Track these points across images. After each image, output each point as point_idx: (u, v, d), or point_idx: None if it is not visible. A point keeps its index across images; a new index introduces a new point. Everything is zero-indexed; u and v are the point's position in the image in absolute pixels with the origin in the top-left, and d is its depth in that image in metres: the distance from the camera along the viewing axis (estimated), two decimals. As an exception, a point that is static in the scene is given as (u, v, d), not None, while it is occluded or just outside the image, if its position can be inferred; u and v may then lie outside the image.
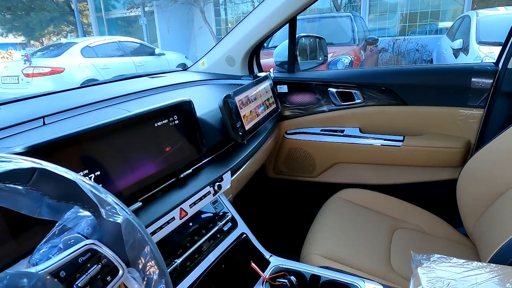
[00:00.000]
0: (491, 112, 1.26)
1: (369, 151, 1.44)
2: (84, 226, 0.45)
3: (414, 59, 8.14)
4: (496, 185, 1.03)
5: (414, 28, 9.65)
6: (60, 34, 13.95)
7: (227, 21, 12.18)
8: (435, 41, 7.48)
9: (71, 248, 0.39)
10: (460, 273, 0.67)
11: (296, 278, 0.84)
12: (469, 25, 5.12)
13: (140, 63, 7.37)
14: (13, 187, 0.37)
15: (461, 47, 4.97)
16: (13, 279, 0.32)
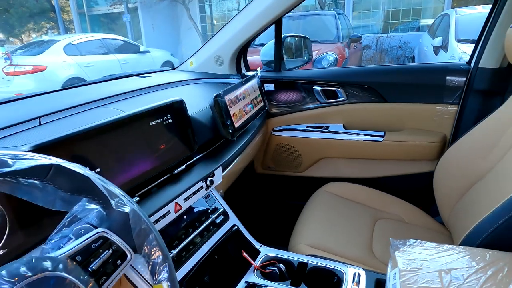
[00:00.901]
0: (464, 108, 1.35)
1: (352, 146, 1.51)
2: (92, 217, 0.49)
3: (397, 56, 8.31)
4: (468, 176, 1.11)
5: (396, 25, 9.85)
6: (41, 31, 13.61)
7: (212, 18, 12.13)
8: (417, 38, 7.67)
9: (84, 235, 0.44)
10: (432, 255, 0.74)
11: (284, 265, 0.91)
12: (449, 23, 5.28)
13: (124, 61, 7.29)
14: (32, 181, 0.41)
15: (441, 45, 5.14)
16: (38, 262, 0.36)
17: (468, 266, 0.69)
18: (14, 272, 0.34)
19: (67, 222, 0.49)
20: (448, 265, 0.70)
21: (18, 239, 0.54)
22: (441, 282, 0.66)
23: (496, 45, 1.23)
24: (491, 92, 1.28)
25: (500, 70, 1.25)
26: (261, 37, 1.53)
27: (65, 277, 0.37)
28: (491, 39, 1.25)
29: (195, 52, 1.60)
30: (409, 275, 0.68)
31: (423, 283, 0.66)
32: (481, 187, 1.06)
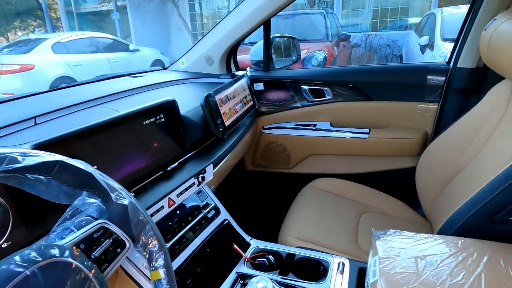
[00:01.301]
0: (444, 106, 1.41)
1: (339, 143, 1.56)
2: (92, 210, 0.53)
3: (385, 54, 8.42)
4: (447, 171, 1.17)
5: (385, 23, 9.98)
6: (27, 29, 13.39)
7: (202, 16, 12.10)
8: (405, 36, 7.80)
9: (86, 226, 0.48)
10: (409, 243, 0.79)
11: (273, 257, 0.95)
12: (435, 22, 5.40)
13: (114, 59, 7.24)
14: (38, 177, 0.45)
15: (427, 43, 5.24)
16: (47, 249, 0.40)
17: (442, 252, 0.75)
18: (26, 258, 0.38)
19: (69, 215, 0.53)
20: (423, 252, 0.76)
21: (21, 233, 0.58)
22: (416, 267, 0.71)
23: (472, 46, 1.30)
24: (469, 91, 1.34)
25: (477, 70, 1.31)
26: (251, 36, 1.57)
27: (71, 263, 0.41)
28: (468, 40, 1.31)
29: (186, 52, 1.63)
30: (387, 261, 0.74)
31: (400, 268, 0.71)
32: (458, 181, 1.12)
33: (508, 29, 0.87)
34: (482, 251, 0.74)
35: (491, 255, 0.73)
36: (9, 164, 0.39)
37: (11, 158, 0.40)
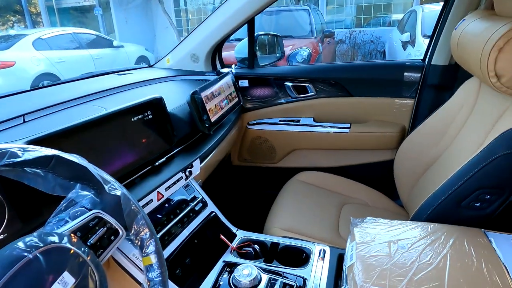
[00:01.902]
0: (420, 101, 1.48)
1: (321, 138, 1.62)
2: (86, 202, 0.56)
3: (369, 51, 8.56)
4: (422, 162, 1.24)
5: (369, 20, 10.12)
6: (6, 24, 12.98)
7: (187, 11, 11.99)
8: (388, 33, 7.94)
9: (81, 216, 0.51)
10: (384, 229, 0.85)
11: (259, 246, 1.00)
12: (416, 19, 5.53)
13: (98, 56, 7.13)
14: (35, 170, 0.48)
15: (409, 40, 5.38)
16: (47, 236, 0.44)
17: (413, 237, 0.81)
18: (28, 244, 0.41)
19: (63, 207, 0.56)
20: (396, 237, 0.82)
21: (16, 226, 0.60)
22: (389, 251, 0.77)
23: (445, 45, 1.37)
24: (442, 86, 1.42)
25: (449, 67, 1.39)
26: (236, 33, 1.60)
27: (69, 248, 0.44)
28: (441, 39, 1.38)
29: (171, 50, 1.66)
30: (363, 246, 0.79)
31: (374, 252, 0.77)
32: (431, 172, 1.19)
33: (474, 30, 0.94)
34: (449, 234, 0.81)
35: (457, 238, 0.79)
36: (10, 159, 0.42)
37: (12, 153, 0.43)
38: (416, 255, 0.75)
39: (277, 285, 0.85)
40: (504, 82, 0.81)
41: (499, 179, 0.84)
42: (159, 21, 11.02)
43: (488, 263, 0.72)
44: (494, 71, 0.81)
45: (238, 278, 0.84)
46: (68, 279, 0.42)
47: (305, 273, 0.89)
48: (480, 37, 0.87)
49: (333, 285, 0.86)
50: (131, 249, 0.80)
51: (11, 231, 0.60)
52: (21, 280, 0.39)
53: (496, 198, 0.86)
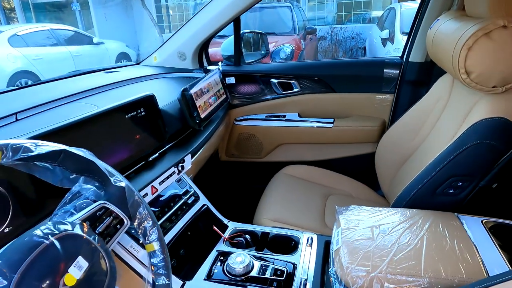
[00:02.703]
0: (399, 97, 1.57)
1: (306, 132, 1.68)
2: (90, 194, 0.60)
3: (350, 47, 8.71)
4: (401, 154, 1.32)
5: (349, 17, 10.28)
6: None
7: (168, 7, 11.84)
8: (368, 29, 8.10)
9: (88, 207, 0.54)
10: (367, 216, 0.92)
11: (250, 236, 1.05)
12: (395, 16, 5.68)
13: (77, 53, 6.96)
14: (44, 164, 0.51)
15: (388, 37, 5.53)
16: (60, 224, 0.47)
17: (393, 221, 0.88)
18: (45, 231, 0.45)
19: (68, 200, 0.59)
20: (378, 222, 0.88)
21: (20, 219, 0.63)
22: (372, 235, 0.84)
23: (421, 43, 1.45)
24: (419, 82, 1.50)
25: (425, 64, 1.47)
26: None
27: (82, 235, 0.48)
28: (417, 37, 1.46)
29: (158, 48, 1.67)
30: (348, 231, 0.86)
31: (359, 236, 0.83)
32: (410, 163, 1.27)
33: (447, 29, 1.01)
34: (425, 218, 0.88)
35: (432, 222, 0.87)
36: (24, 153, 0.45)
37: (25, 148, 0.46)
38: (396, 238, 0.82)
39: (268, 271, 0.90)
40: (473, 78, 0.89)
41: (470, 167, 0.92)
42: (139, 17, 10.84)
43: (460, 243, 0.79)
44: (464, 68, 0.88)
45: (232, 265, 0.89)
46: (82, 263, 0.46)
47: (295, 259, 0.95)
48: (452, 36, 0.94)
49: (320, 269, 0.92)
50: (129, 241, 0.83)
51: (16, 224, 0.62)
52: (41, 264, 0.42)
53: (468, 184, 0.94)
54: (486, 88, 0.88)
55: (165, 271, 0.59)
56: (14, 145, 0.45)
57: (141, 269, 0.81)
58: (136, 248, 0.84)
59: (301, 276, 0.89)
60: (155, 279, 0.58)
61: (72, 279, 0.44)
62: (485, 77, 0.86)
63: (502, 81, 0.86)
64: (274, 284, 0.86)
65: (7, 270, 0.40)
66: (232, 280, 0.88)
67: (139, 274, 0.81)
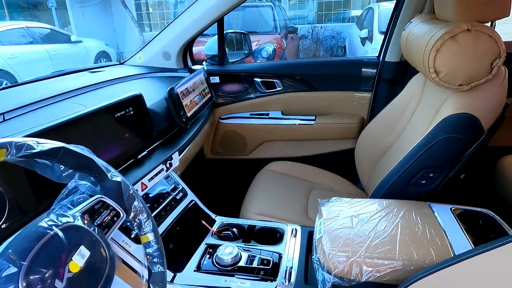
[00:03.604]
0: (376, 95, 1.64)
1: (289, 130, 1.74)
2: (86, 190, 0.63)
3: (330, 46, 8.86)
4: (379, 149, 1.39)
5: (329, 16, 10.44)
6: None
7: (148, 5, 11.68)
8: (348, 28, 8.26)
9: (86, 201, 0.58)
10: (347, 206, 0.98)
11: (237, 229, 1.10)
12: (373, 16, 5.83)
13: (54, 52, 6.78)
14: (44, 161, 0.54)
15: (367, 36, 5.67)
16: (62, 216, 0.50)
17: (371, 211, 0.95)
18: (49, 223, 0.48)
19: (64, 195, 0.62)
20: (357, 212, 0.95)
21: (17, 215, 0.65)
22: (352, 223, 0.90)
23: (396, 43, 1.53)
24: (395, 81, 1.58)
25: (400, 63, 1.55)
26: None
27: (83, 227, 0.51)
28: (393, 38, 1.54)
29: (142, 48, 1.69)
30: (330, 221, 0.91)
31: (339, 225, 0.89)
32: (387, 157, 1.35)
33: (418, 32, 1.09)
34: (400, 208, 0.95)
35: (406, 210, 0.94)
36: (27, 150, 0.48)
37: (28, 145, 0.49)
38: (373, 226, 0.88)
39: (255, 260, 0.95)
40: (441, 77, 0.96)
41: (440, 159, 1.00)
42: (119, 15, 10.64)
43: (430, 229, 0.87)
44: (434, 68, 0.96)
45: (220, 256, 0.93)
46: (84, 252, 0.49)
47: (280, 249, 1.00)
48: (422, 38, 1.01)
49: (304, 258, 0.98)
50: (121, 236, 0.86)
51: (12, 221, 0.65)
52: (47, 252, 0.45)
53: (438, 175, 1.02)
54: (453, 86, 0.96)
55: (160, 259, 0.62)
56: (17, 143, 0.47)
57: (133, 262, 0.84)
58: (128, 242, 0.87)
59: (287, 265, 0.94)
60: (151, 267, 0.62)
61: (76, 266, 0.47)
62: (452, 76, 0.94)
63: (467, 80, 0.94)
64: (261, 273, 0.91)
65: (17, 258, 0.43)
66: (221, 270, 0.92)
67: (131, 268, 0.84)
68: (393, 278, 0.77)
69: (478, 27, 0.90)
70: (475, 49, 0.90)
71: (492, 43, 0.89)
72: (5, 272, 0.42)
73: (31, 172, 0.68)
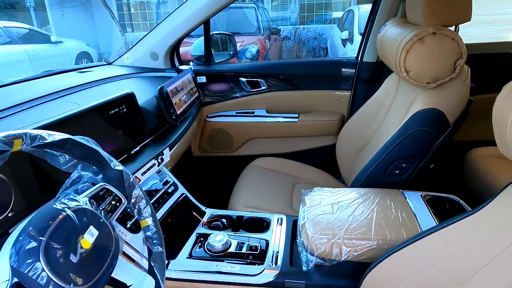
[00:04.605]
0: (355, 93, 1.74)
1: (274, 127, 1.82)
2: (88, 179, 0.68)
3: (313, 47, 9.02)
4: (358, 143, 1.49)
5: (312, 17, 10.62)
6: None
7: (130, 5, 11.56)
8: (329, 30, 8.44)
9: (90, 188, 0.63)
10: (328, 195, 1.06)
11: (226, 220, 1.16)
12: (353, 18, 6.00)
13: (34, 52, 6.64)
14: (52, 151, 0.59)
15: (348, 38, 5.83)
16: (72, 200, 0.55)
17: (350, 199, 1.03)
18: (61, 205, 0.53)
19: (69, 184, 0.67)
20: (337, 200, 1.03)
21: (22, 204, 0.70)
22: (332, 210, 0.98)
23: (373, 45, 1.63)
24: (372, 80, 1.68)
25: (376, 63, 1.66)
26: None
27: (91, 210, 0.57)
28: (369, 40, 1.64)
29: (129, 48, 1.73)
30: (312, 208, 0.99)
31: (321, 212, 0.97)
32: (365, 151, 1.44)
33: (392, 34, 1.18)
34: (376, 195, 1.04)
35: (381, 197, 1.03)
36: (40, 141, 0.54)
37: (41, 136, 0.54)
38: (352, 211, 0.97)
39: (244, 247, 1.02)
40: (411, 75, 1.06)
41: (411, 151, 1.10)
42: (100, 15, 10.50)
43: (403, 213, 0.96)
44: (404, 67, 1.05)
45: (211, 243, 0.99)
46: (93, 231, 0.55)
47: (267, 236, 1.07)
48: (395, 40, 1.11)
49: (290, 243, 1.05)
50: (117, 226, 0.91)
51: (18, 209, 0.69)
52: (62, 230, 0.51)
53: (410, 165, 1.11)
54: (422, 84, 1.06)
55: (159, 241, 0.69)
56: (31, 134, 0.53)
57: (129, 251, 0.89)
58: (124, 232, 0.91)
59: (273, 250, 1.01)
60: (151, 248, 0.68)
61: (87, 243, 0.53)
62: (420, 75, 1.04)
63: (434, 78, 1.04)
64: (250, 258, 0.98)
65: (36, 234, 0.48)
66: (212, 256, 0.98)
67: (128, 256, 0.89)
68: (369, 256, 0.85)
69: (443, 30, 1.00)
70: (440, 51, 1.00)
71: (454, 45, 1.00)
72: (27, 246, 0.47)
73: (35, 164, 0.73)
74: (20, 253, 0.47)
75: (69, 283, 0.48)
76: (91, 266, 0.53)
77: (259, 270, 0.94)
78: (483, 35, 4.42)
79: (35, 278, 0.46)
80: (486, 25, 4.92)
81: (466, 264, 0.62)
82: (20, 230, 0.49)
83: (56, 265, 0.48)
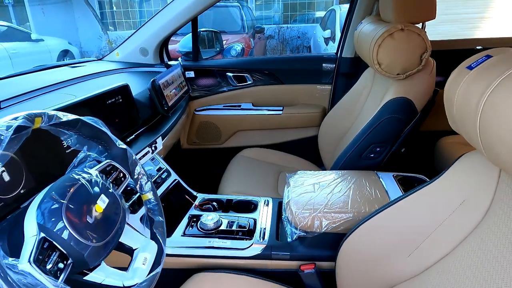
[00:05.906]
0: (336, 87, 1.86)
1: (260, 119, 1.91)
2: (93, 158, 0.76)
3: (296, 46, 9.17)
4: (338, 133, 1.60)
5: (295, 16, 10.77)
6: None
7: (112, 3, 11.43)
8: (312, 29, 8.60)
9: (97, 165, 0.71)
10: (310, 177, 1.17)
11: (216, 203, 1.25)
12: (335, 17, 6.16)
13: (14, 50, 6.52)
14: (63, 130, 0.67)
15: (330, 36, 5.98)
16: (84, 172, 0.63)
17: (330, 179, 1.14)
18: (77, 176, 0.61)
19: (76, 163, 0.75)
20: (318, 180, 1.13)
21: (32, 182, 0.77)
22: (314, 189, 1.08)
23: (350, 41, 1.75)
24: (350, 74, 1.80)
25: (354, 58, 1.77)
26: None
27: (101, 181, 0.65)
28: (348, 37, 1.76)
29: (120, 44, 1.79)
30: (296, 188, 1.09)
31: (303, 191, 1.07)
32: (345, 139, 1.55)
33: (366, 31, 1.30)
34: (353, 176, 1.15)
35: (358, 178, 1.14)
36: (56, 120, 0.61)
37: (57, 116, 0.62)
38: (331, 190, 1.07)
39: (234, 225, 1.11)
40: (383, 68, 1.17)
41: (384, 136, 1.21)
42: (81, 13, 10.35)
43: (376, 190, 1.07)
44: (377, 60, 1.16)
45: (204, 222, 1.08)
46: (104, 199, 0.63)
47: (255, 215, 1.17)
48: (369, 36, 1.22)
49: (276, 221, 1.15)
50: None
51: (28, 187, 0.76)
52: (79, 195, 0.59)
53: (383, 150, 1.23)
54: (393, 75, 1.17)
55: (159, 212, 0.77)
56: (49, 114, 0.60)
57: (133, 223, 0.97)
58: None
59: (261, 227, 1.11)
60: (153, 218, 0.76)
61: (100, 208, 0.61)
62: (391, 67, 1.15)
63: (403, 70, 1.15)
64: (239, 234, 1.07)
65: (58, 197, 0.56)
66: (205, 234, 1.07)
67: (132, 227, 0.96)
68: (346, 227, 0.96)
69: (410, 27, 1.12)
70: (408, 45, 1.12)
71: (420, 40, 1.11)
72: (51, 207, 0.55)
73: (43, 146, 0.80)
74: (45, 213, 0.54)
75: (87, 239, 0.56)
76: (104, 228, 0.61)
77: (248, 244, 1.03)
78: (450, 32, 4.66)
79: (59, 233, 0.54)
80: (452, 23, 5.17)
81: (423, 227, 0.73)
82: (44, 194, 0.57)
83: (76, 224, 0.56)
